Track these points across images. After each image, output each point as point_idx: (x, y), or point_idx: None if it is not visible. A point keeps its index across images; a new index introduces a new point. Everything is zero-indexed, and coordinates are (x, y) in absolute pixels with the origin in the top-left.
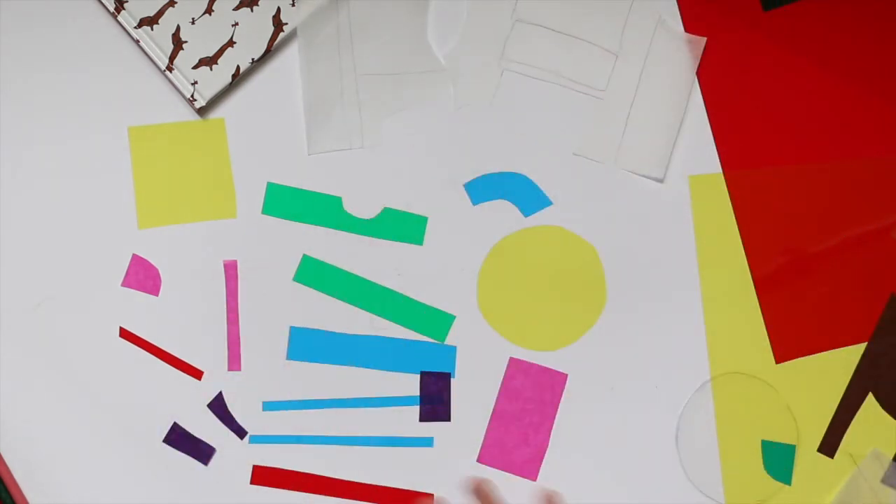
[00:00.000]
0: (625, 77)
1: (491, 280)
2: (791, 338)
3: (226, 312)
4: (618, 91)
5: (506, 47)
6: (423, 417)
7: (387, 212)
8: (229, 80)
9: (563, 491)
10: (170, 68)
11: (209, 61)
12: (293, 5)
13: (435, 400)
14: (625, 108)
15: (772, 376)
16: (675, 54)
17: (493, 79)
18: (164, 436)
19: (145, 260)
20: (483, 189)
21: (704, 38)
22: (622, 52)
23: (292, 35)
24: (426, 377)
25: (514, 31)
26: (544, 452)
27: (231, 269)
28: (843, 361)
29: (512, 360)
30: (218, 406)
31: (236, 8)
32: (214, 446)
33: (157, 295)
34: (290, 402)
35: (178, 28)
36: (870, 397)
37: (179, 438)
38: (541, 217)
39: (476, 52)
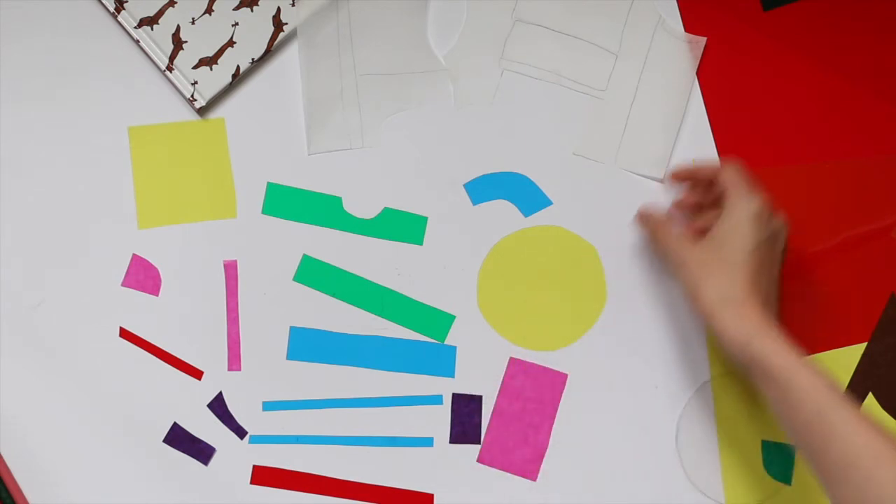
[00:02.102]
0: (625, 77)
1: (491, 280)
2: (791, 338)
3: (226, 312)
4: (618, 91)
5: (506, 47)
6: (454, 440)
7: (387, 212)
8: (229, 80)
9: (564, 491)
10: (170, 68)
11: (209, 61)
12: (293, 5)
13: (465, 422)
14: (625, 108)
15: None
16: (675, 54)
17: (493, 79)
18: (164, 436)
19: (145, 260)
20: (483, 189)
21: (704, 38)
22: (622, 52)
23: (292, 35)
24: (458, 399)
25: (514, 31)
26: (544, 452)
27: (231, 269)
28: (843, 361)
29: (512, 360)
30: (218, 406)
31: (236, 8)
32: (214, 446)
33: (157, 295)
34: (290, 402)
35: (178, 28)
36: (870, 397)
37: (179, 438)
38: (541, 217)
39: (476, 52)
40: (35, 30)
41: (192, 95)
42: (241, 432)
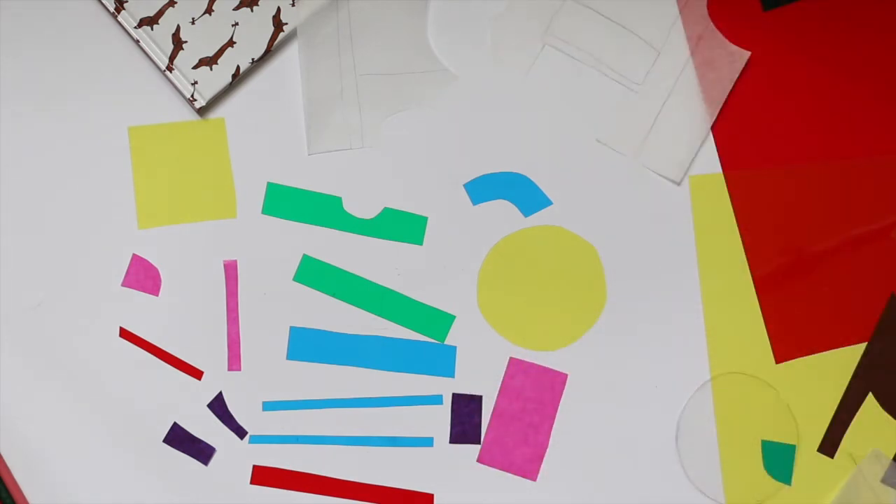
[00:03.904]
0: (663, 75)
1: (491, 280)
2: (791, 338)
3: (226, 312)
4: (653, 87)
5: (553, 22)
6: (454, 440)
7: (387, 212)
8: (229, 80)
9: (564, 491)
10: (170, 68)
11: (209, 61)
12: (293, 5)
13: (465, 422)
14: (657, 106)
15: (772, 376)
16: (716, 63)
17: (533, 50)
18: (164, 436)
19: (145, 260)
20: (483, 189)
21: (748, 53)
22: (665, 50)
23: (292, 35)
24: (458, 399)
25: (564, 7)
26: (544, 452)
27: (231, 269)
28: (843, 361)
29: (512, 360)
30: (218, 406)
31: (236, 8)
32: (214, 446)
33: (157, 295)
34: (290, 402)
35: (178, 28)
36: (870, 397)
37: (179, 438)
38: (541, 217)
39: (523, 21)
40: (35, 30)
41: (192, 95)
42: (241, 432)
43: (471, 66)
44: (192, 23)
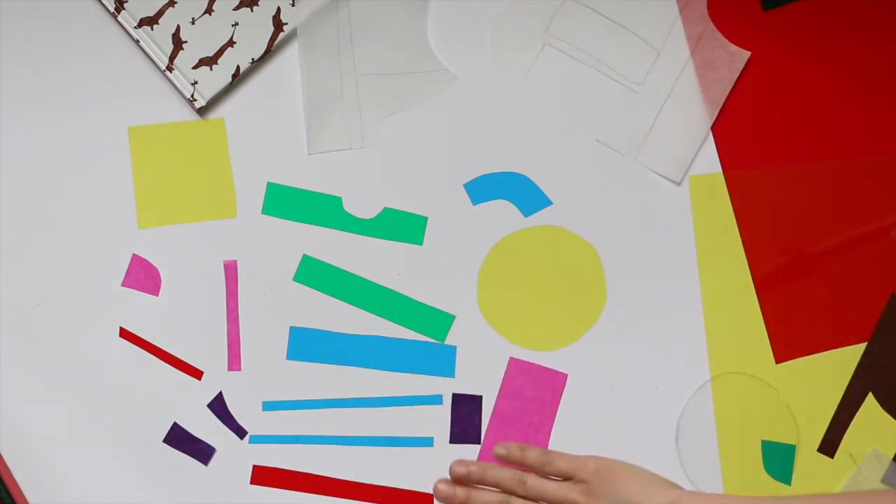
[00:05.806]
0: (663, 75)
1: (491, 280)
2: (791, 338)
3: (226, 312)
4: (653, 87)
5: (552, 22)
6: (454, 440)
7: (387, 212)
8: (229, 80)
9: None
10: (170, 68)
11: (209, 61)
12: (293, 5)
13: (465, 422)
14: (657, 106)
15: (772, 376)
16: (716, 63)
17: (533, 51)
18: (164, 436)
19: (145, 260)
20: (483, 189)
21: (748, 53)
22: (665, 50)
23: (292, 35)
24: (458, 399)
25: (563, 8)
26: None
27: (231, 269)
28: (843, 361)
29: (512, 360)
30: (218, 406)
31: (236, 8)
32: (214, 446)
33: (157, 295)
34: (290, 402)
35: (178, 28)
36: (870, 397)
37: (179, 438)
38: (541, 217)
39: (522, 21)
40: (35, 30)
41: (192, 95)
42: (241, 432)
43: (471, 66)
44: (192, 23)
